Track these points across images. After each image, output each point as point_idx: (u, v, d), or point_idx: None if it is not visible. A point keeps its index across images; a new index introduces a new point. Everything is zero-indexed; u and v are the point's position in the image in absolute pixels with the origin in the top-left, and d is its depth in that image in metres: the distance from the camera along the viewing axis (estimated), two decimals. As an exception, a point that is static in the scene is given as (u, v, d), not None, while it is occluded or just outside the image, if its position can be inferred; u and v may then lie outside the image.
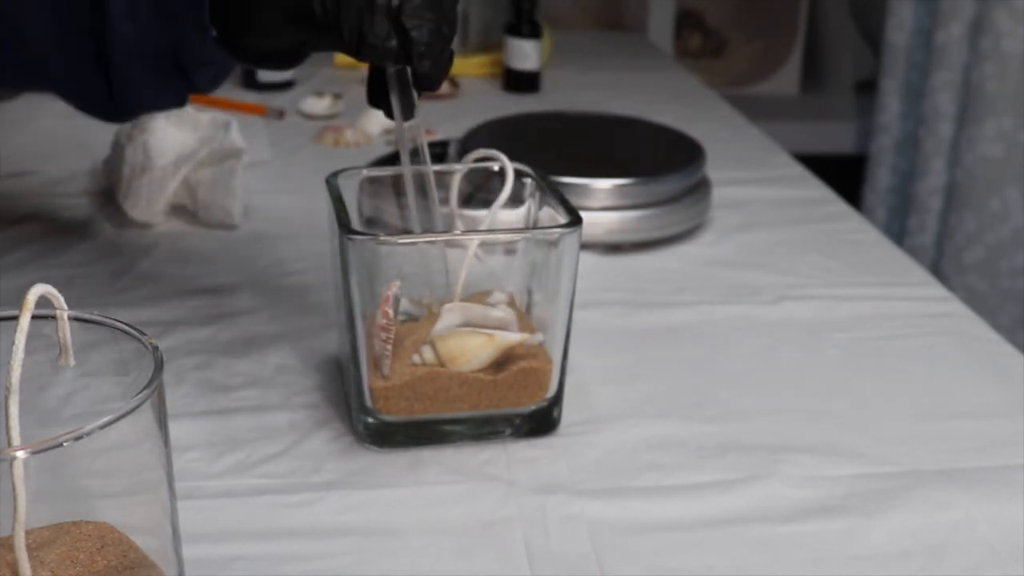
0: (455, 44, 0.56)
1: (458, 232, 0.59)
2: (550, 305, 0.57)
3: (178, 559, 0.42)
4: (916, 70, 1.78)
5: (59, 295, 0.37)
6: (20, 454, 0.34)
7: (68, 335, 0.38)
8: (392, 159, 0.92)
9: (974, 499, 0.54)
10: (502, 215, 0.59)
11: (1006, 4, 1.59)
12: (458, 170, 0.61)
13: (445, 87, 1.29)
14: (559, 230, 0.55)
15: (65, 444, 0.34)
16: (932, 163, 1.73)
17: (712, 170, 0.91)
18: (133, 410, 0.36)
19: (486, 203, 0.60)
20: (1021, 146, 1.63)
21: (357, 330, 0.54)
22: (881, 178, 1.84)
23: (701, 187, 0.88)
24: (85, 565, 0.39)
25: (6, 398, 0.35)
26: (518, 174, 0.59)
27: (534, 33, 1.34)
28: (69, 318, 0.38)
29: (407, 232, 0.57)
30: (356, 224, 0.54)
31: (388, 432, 0.56)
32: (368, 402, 0.56)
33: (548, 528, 0.51)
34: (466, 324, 0.56)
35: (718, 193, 0.91)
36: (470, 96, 1.30)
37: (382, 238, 0.54)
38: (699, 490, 0.54)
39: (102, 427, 0.35)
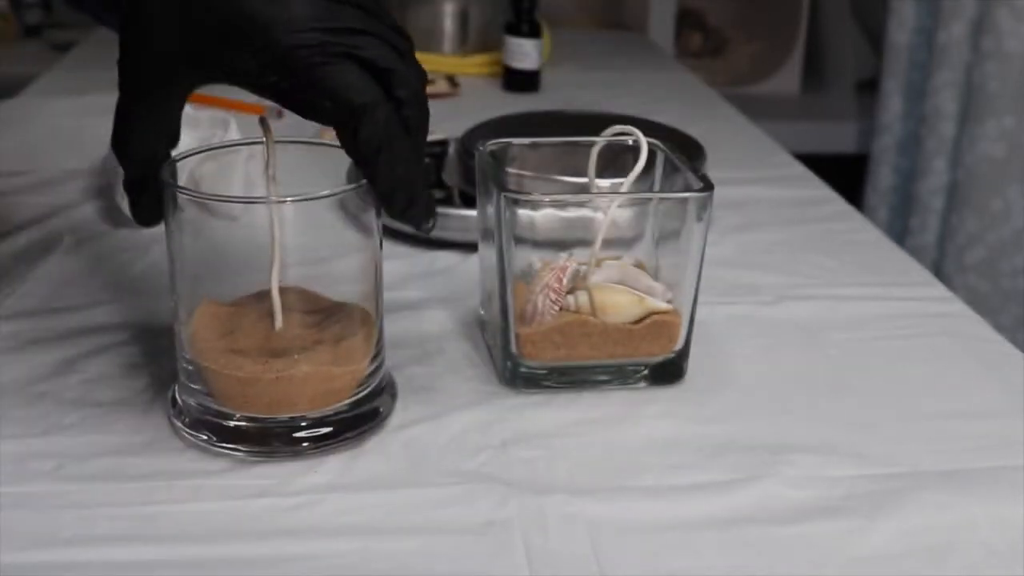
0: (454, 44, 0.56)
1: (596, 192, 0.65)
2: (680, 268, 0.62)
3: (379, 303, 0.57)
4: (918, 69, 1.78)
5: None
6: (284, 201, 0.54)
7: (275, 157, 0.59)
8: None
9: (975, 499, 0.54)
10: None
11: (1008, 3, 1.59)
12: (597, 143, 0.66)
13: (445, 86, 1.29)
14: (690, 194, 0.61)
15: (314, 199, 0.53)
16: (934, 163, 1.73)
17: (712, 170, 0.90)
18: (361, 184, 0.55)
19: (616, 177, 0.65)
20: (1023, 146, 1.63)
21: (507, 285, 0.60)
22: (883, 178, 1.84)
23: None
24: (314, 301, 0.56)
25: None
26: (649, 148, 0.64)
27: (534, 32, 1.34)
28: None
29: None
30: None
31: (532, 376, 0.62)
32: (513, 348, 0.61)
33: (547, 528, 0.51)
34: (620, 282, 0.62)
35: (718, 193, 0.90)
36: (470, 95, 1.30)
37: (535, 197, 0.59)
38: (699, 490, 0.54)
39: (337, 194, 0.54)
